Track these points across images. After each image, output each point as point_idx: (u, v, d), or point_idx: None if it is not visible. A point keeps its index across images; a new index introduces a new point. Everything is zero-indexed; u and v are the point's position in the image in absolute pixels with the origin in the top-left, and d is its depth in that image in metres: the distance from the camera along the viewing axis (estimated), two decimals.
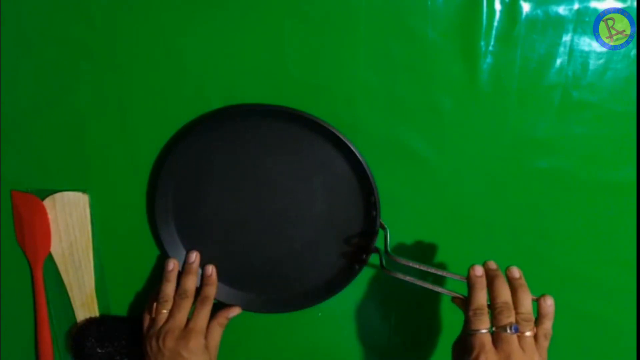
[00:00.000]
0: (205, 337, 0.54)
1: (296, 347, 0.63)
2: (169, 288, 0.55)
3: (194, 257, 0.57)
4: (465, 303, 0.49)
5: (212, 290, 0.56)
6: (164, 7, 0.51)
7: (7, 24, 0.52)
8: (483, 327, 0.46)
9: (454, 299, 0.51)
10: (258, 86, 0.53)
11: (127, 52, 0.52)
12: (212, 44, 0.52)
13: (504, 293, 0.47)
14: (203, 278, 0.57)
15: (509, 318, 0.46)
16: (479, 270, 0.49)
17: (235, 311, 0.58)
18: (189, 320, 0.54)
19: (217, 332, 0.56)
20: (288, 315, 0.59)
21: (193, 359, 0.52)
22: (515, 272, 0.50)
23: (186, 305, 0.54)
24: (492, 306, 0.47)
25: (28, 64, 0.53)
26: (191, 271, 0.56)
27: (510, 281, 0.49)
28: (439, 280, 0.57)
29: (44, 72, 0.53)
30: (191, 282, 0.56)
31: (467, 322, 0.47)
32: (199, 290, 0.57)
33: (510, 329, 0.45)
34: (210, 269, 0.58)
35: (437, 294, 0.58)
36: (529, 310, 0.47)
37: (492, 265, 0.50)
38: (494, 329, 0.46)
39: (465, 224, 0.57)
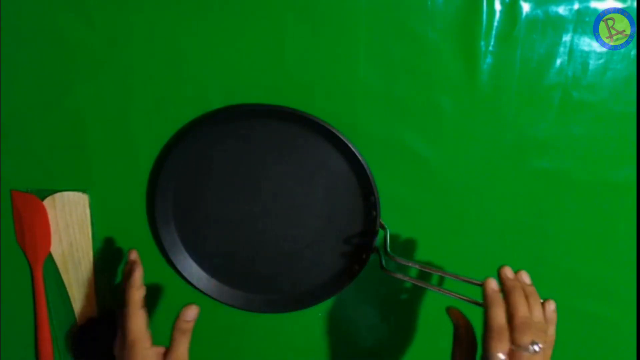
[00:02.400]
0: (169, 349, 0.48)
1: (296, 347, 0.63)
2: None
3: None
4: (461, 316, 0.48)
5: (137, 294, 0.50)
6: (164, 7, 0.51)
7: (7, 24, 0.52)
8: (502, 351, 0.42)
9: (449, 311, 0.50)
10: (258, 86, 0.53)
11: (127, 52, 0.52)
12: (212, 44, 0.52)
13: (524, 307, 0.43)
14: (127, 278, 0.51)
15: (531, 336, 0.42)
16: (495, 284, 0.45)
17: (191, 311, 0.48)
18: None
19: (180, 341, 0.48)
20: (288, 315, 0.60)
21: None
22: (526, 277, 0.47)
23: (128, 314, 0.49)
24: (511, 319, 0.43)
25: (28, 64, 0.53)
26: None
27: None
28: (439, 280, 0.57)
29: (43, 72, 0.53)
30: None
31: (485, 342, 0.43)
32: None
33: (533, 346, 0.41)
34: (134, 255, 0.54)
35: (437, 294, 0.58)
36: (542, 319, 0.44)
37: (509, 273, 0.46)
38: (511, 345, 0.42)
39: (465, 224, 0.57)
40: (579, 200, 0.56)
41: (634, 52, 0.51)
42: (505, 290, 0.45)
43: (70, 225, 0.58)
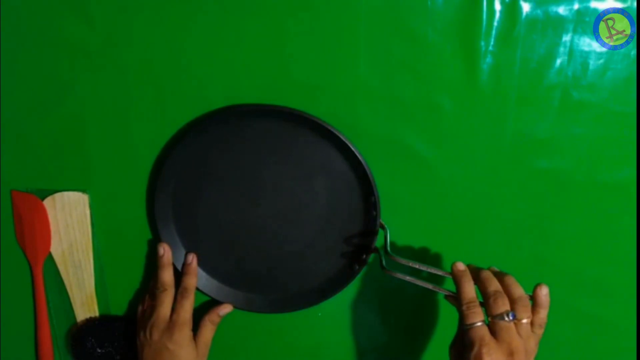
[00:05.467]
0: (197, 333, 0.55)
1: (296, 347, 0.63)
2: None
3: (163, 250, 0.56)
4: (457, 300, 0.48)
5: (191, 280, 0.56)
6: (164, 7, 0.51)
7: (6, 24, 0.52)
8: (478, 320, 0.45)
9: (447, 296, 0.51)
10: (258, 86, 0.53)
11: (127, 52, 0.52)
12: (213, 44, 0.52)
13: (494, 282, 0.47)
14: (183, 267, 0.57)
15: (505, 306, 0.45)
16: (461, 265, 0.49)
17: (226, 308, 0.57)
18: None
19: (208, 329, 0.56)
20: (288, 315, 0.60)
21: (178, 351, 0.52)
22: (494, 268, 0.50)
23: (166, 298, 0.54)
24: (484, 297, 0.46)
25: (28, 64, 0.53)
26: (163, 264, 0.55)
27: (494, 276, 0.48)
28: (439, 280, 0.57)
29: (43, 72, 0.53)
30: (167, 275, 0.55)
31: (462, 317, 0.47)
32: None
33: (508, 316, 0.44)
34: (191, 257, 0.57)
35: (437, 293, 0.58)
36: (524, 295, 0.46)
37: (471, 265, 0.50)
38: (489, 319, 0.45)
39: (465, 224, 0.57)
40: (579, 200, 0.56)
41: (634, 52, 0.51)
42: (472, 274, 0.48)
43: (70, 225, 0.58)
